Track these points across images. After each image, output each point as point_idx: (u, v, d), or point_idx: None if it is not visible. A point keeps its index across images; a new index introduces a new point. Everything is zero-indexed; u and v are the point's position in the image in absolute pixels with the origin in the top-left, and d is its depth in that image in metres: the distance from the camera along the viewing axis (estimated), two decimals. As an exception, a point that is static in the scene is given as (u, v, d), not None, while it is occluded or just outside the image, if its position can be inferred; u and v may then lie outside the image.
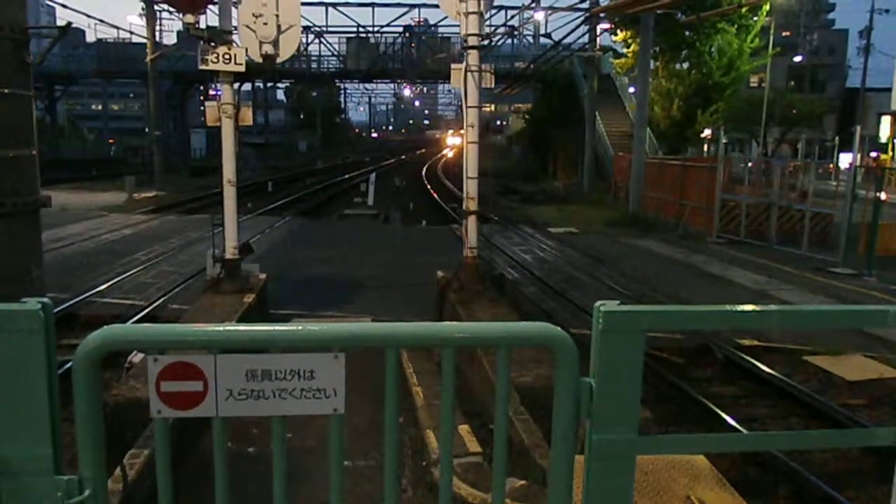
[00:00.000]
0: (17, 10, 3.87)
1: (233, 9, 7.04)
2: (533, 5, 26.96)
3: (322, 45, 39.24)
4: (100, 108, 77.19)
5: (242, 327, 1.76)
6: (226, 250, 7.40)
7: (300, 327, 1.74)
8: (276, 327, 1.74)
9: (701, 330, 7.35)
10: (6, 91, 3.87)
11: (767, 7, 23.35)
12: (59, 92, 45.67)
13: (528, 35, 36.36)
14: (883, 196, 12.97)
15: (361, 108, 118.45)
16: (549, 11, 26.45)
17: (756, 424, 5.80)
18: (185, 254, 11.91)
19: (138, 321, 7.53)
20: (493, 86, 7.96)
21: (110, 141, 58.00)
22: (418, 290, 9.40)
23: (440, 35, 40.32)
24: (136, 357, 5.56)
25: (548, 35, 32.66)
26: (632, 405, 1.87)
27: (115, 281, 9.53)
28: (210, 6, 6.93)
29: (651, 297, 9.66)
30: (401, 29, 39.29)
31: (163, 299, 8.60)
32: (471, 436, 4.50)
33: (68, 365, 2.90)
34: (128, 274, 10.04)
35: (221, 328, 1.75)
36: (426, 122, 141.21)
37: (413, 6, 37.93)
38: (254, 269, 7.79)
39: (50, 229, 11.92)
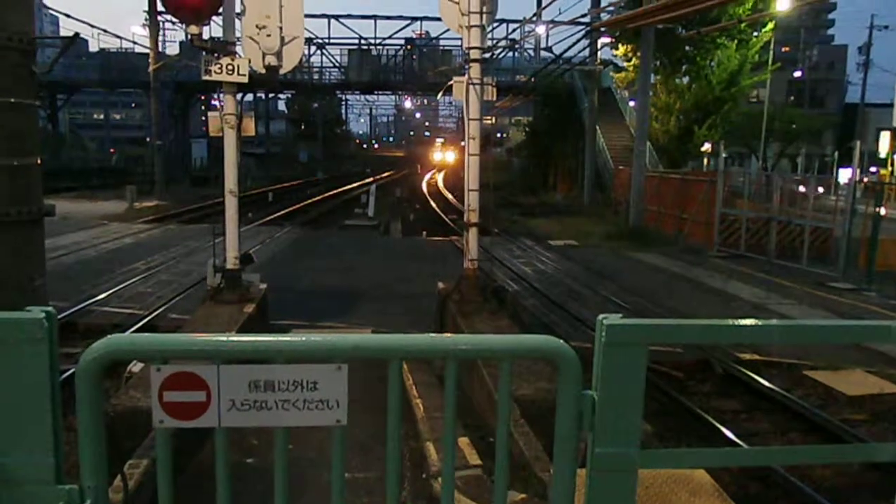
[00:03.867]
0: (24, 20, 3.90)
1: (236, 20, 7.08)
2: (534, 19, 27.10)
3: (324, 57, 39.50)
4: (101, 116, 77.36)
5: (246, 338, 1.76)
6: (227, 260, 7.40)
7: (304, 338, 1.75)
8: (280, 338, 1.75)
9: (701, 344, 7.35)
10: (12, 100, 3.89)
11: (772, 24, 23.50)
12: (62, 101, 45.82)
13: (529, 48, 36.55)
14: (882, 211, 13.00)
15: (362, 120, 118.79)
16: (551, 25, 26.61)
17: (756, 439, 5.78)
18: (185, 263, 11.91)
19: (138, 330, 7.52)
20: (494, 98, 7.99)
21: (111, 150, 58.11)
22: (418, 302, 9.40)
23: (441, 48, 40.56)
24: (136, 366, 5.54)
25: (549, 49, 32.86)
26: (634, 419, 1.87)
27: (114, 290, 9.53)
28: (214, 17, 6.97)
29: (651, 311, 9.65)
30: (402, 41, 39.55)
31: (162, 308, 8.60)
32: (471, 448, 4.48)
33: (67, 373, 2.90)
34: (128, 283, 10.03)
35: (225, 338, 1.76)
36: (426, 133, 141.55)
37: (415, 19, 38.25)
38: (254, 279, 7.79)
39: (50, 238, 11.91)
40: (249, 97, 48.30)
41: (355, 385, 1.80)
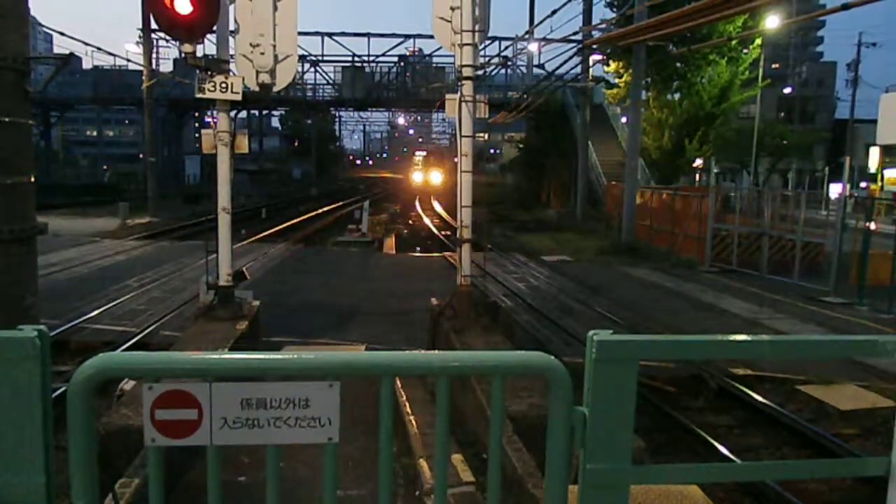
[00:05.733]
0: (19, 40, 3.92)
1: (230, 38, 7.12)
2: (526, 37, 27.32)
3: (318, 74, 39.66)
4: (95, 133, 77.35)
5: (238, 356, 1.76)
6: (219, 277, 7.39)
7: (296, 356, 1.75)
8: (272, 356, 1.75)
9: (693, 359, 7.36)
10: (6, 119, 3.90)
11: (760, 41, 23.78)
12: (55, 118, 45.83)
13: (522, 66, 36.81)
14: (872, 226, 13.09)
15: (356, 136, 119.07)
16: (543, 43, 26.83)
17: (750, 454, 5.78)
18: (177, 280, 11.87)
19: (130, 348, 7.49)
20: (487, 116, 8.05)
21: (104, 167, 58.09)
22: (412, 318, 9.39)
23: (434, 65, 40.78)
24: (128, 384, 5.52)
25: (541, 66, 33.09)
26: (625, 435, 1.88)
27: (106, 307, 9.49)
28: (208, 35, 7.01)
29: (644, 326, 9.67)
30: (395, 58, 39.78)
31: (154, 326, 8.56)
32: (464, 465, 4.47)
33: (59, 392, 2.89)
34: (119, 300, 9.99)
35: (217, 356, 1.76)
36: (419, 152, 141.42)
37: (408, 36, 38.43)
38: (247, 295, 7.77)
39: (42, 255, 11.87)
40: (243, 114, 48.42)
41: (347, 401, 1.81)
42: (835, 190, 18.20)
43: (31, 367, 1.65)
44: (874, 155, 38.87)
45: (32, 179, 4.22)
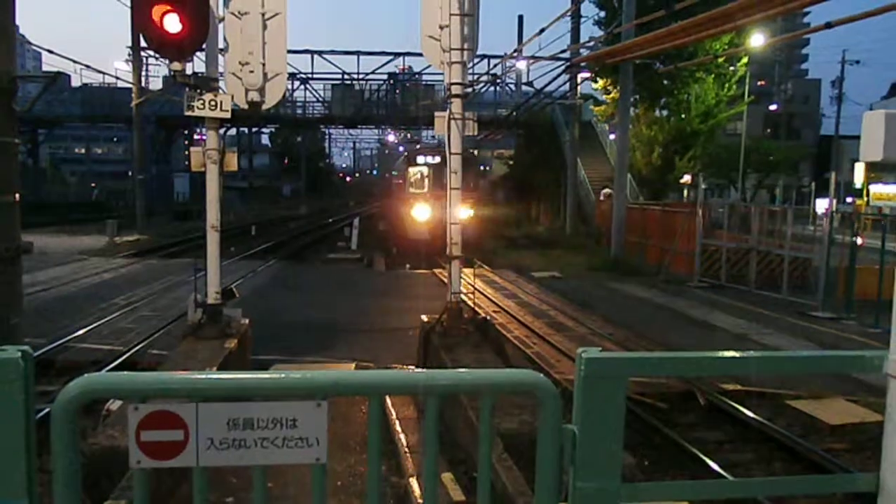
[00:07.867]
0: (5, 59, 3.92)
1: (219, 56, 7.13)
2: (515, 55, 27.55)
3: (307, 92, 39.80)
4: (83, 151, 76.99)
5: (225, 375, 1.75)
6: (208, 295, 7.34)
7: (283, 375, 1.74)
8: (259, 375, 1.74)
9: (682, 376, 7.36)
10: (-8, 138, 3.89)
11: (746, 59, 24.08)
12: (43, 135, 45.66)
13: (511, 83, 37.08)
14: (859, 241, 13.20)
15: (346, 153, 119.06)
16: (531, 60, 27.03)
17: (740, 469, 5.77)
18: (165, 298, 11.80)
19: (117, 367, 7.41)
20: (476, 133, 8.08)
21: (92, 185, 57.87)
22: (401, 334, 9.36)
23: (424, 82, 41.03)
24: (114, 404, 5.45)
25: (529, 83, 33.32)
26: (615, 452, 1.87)
27: (93, 326, 9.40)
28: (197, 53, 7.01)
29: (634, 342, 9.67)
30: (385, 76, 39.98)
31: (142, 345, 8.48)
32: (454, 484, 4.44)
33: (43, 412, 2.86)
34: (107, 319, 9.91)
35: (204, 376, 1.75)
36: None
37: (398, 54, 38.72)
38: (236, 314, 7.72)
39: (29, 273, 11.79)
40: (233, 131, 48.44)
41: (336, 418, 1.80)
42: (821, 205, 18.34)
43: (14, 389, 1.63)
44: (859, 171, 39.26)
45: (17, 198, 4.19)
